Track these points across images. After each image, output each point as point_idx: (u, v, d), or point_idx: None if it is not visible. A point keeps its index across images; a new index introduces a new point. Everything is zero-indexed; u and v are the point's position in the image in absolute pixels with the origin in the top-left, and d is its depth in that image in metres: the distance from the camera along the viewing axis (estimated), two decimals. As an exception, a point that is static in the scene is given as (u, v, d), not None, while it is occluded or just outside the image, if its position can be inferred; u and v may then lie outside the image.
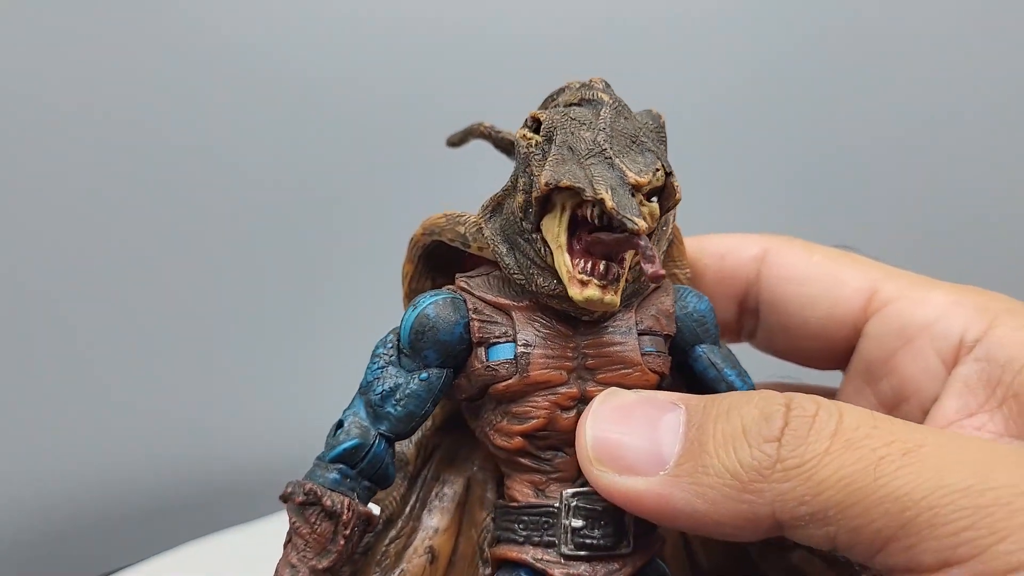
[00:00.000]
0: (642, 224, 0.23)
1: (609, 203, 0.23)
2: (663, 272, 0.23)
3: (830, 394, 0.36)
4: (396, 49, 0.65)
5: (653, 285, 0.29)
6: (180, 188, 0.65)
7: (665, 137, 0.27)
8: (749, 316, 0.35)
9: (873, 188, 0.70)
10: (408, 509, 0.30)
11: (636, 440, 0.25)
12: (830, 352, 0.33)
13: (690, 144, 0.29)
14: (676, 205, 0.26)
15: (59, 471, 0.65)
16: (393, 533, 0.29)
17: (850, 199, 0.70)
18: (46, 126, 0.61)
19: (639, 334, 0.28)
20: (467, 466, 0.31)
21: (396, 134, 0.63)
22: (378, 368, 0.27)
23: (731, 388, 0.29)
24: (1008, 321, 0.29)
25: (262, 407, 0.66)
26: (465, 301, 0.28)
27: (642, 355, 0.27)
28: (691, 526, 0.24)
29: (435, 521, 0.30)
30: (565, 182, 0.24)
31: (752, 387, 0.30)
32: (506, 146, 0.34)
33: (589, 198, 0.23)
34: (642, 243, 0.23)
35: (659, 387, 0.28)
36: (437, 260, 0.32)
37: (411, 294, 0.33)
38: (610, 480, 0.25)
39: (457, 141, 0.36)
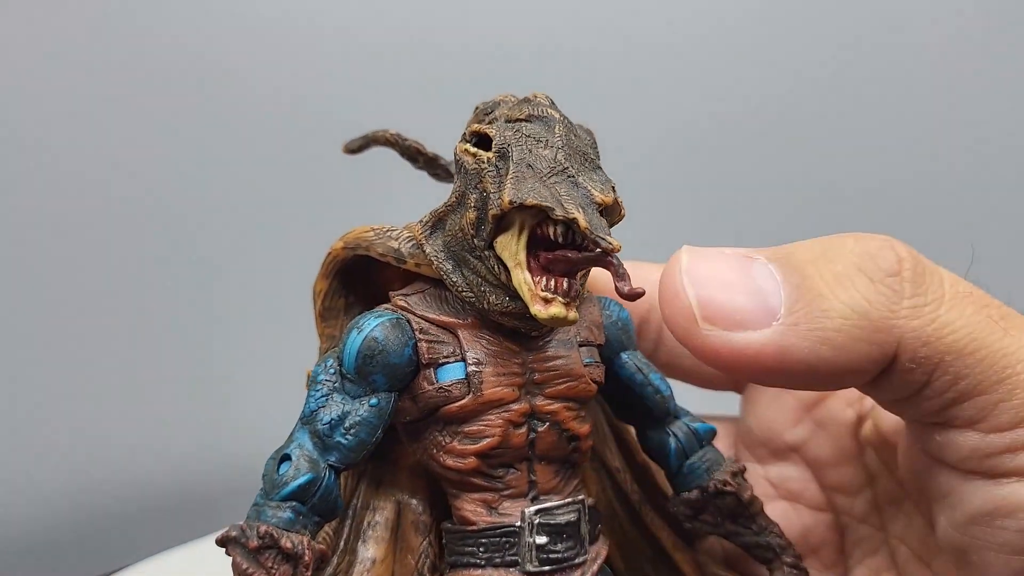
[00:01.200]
0: (617, 243, 0.23)
1: (583, 223, 0.23)
2: (642, 290, 0.23)
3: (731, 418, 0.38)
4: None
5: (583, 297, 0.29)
6: (175, 189, 0.65)
7: (598, 152, 0.27)
8: (647, 341, 0.36)
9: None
10: (343, 543, 0.28)
11: (741, 293, 0.23)
12: None
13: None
14: (620, 221, 0.26)
15: (59, 471, 0.66)
16: (330, 571, 0.28)
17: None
18: (33, 134, 0.62)
19: (579, 345, 0.28)
20: (394, 491, 0.30)
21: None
22: (321, 396, 0.26)
23: (657, 391, 0.30)
24: None
25: (262, 407, 0.63)
26: (409, 321, 0.27)
27: (584, 366, 0.28)
28: (805, 378, 0.23)
29: (371, 552, 0.29)
30: (531, 201, 0.24)
31: (670, 389, 0.31)
32: (412, 154, 0.34)
33: (560, 217, 0.23)
34: (615, 262, 0.24)
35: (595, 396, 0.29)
36: (349, 277, 0.31)
37: (324, 313, 0.31)
38: (721, 338, 0.23)
39: (356, 148, 0.34)
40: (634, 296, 0.23)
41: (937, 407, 0.23)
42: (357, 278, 0.31)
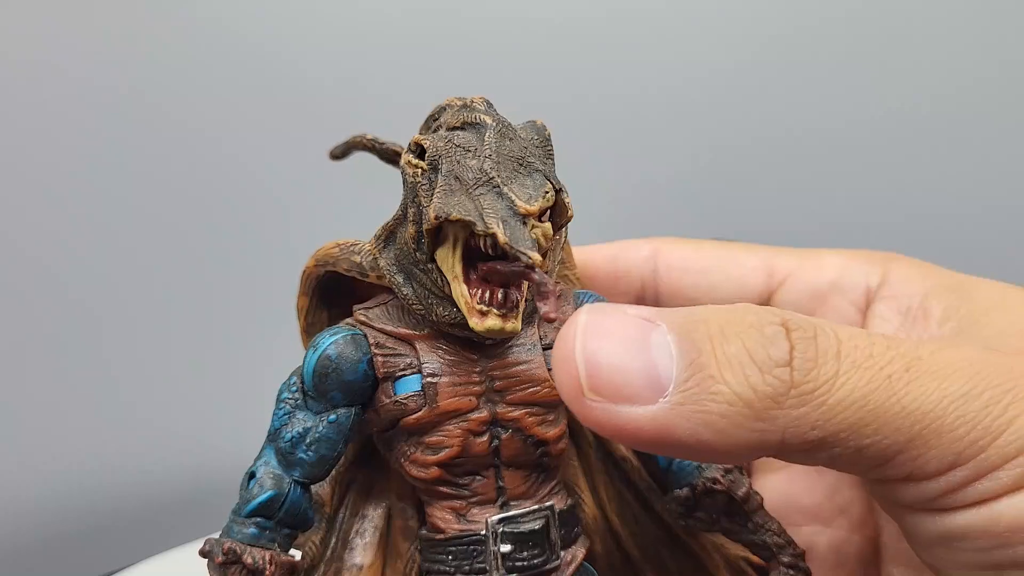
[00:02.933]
0: (536, 257, 0.22)
1: (502, 238, 0.23)
2: (556, 316, 0.23)
3: None
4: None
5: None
6: (173, 187, 0.66)
7: (552, 150, 0.26)
8: None
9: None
10: (329, 552, 0.29)
11: (631, 363, 0.22)
12: None
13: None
14: (568, 221, 0.26)
15: (59, 472, 0.67)
16: (316, 578, 0.29)
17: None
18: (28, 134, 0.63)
19: (544, 348, 0.28)
20: (384, 497, 0.31)
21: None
22: (284, 414, 0.27)
23: None
24: (898, 266, 0.33)
25: (262, 409, 0.66)
26: (366, 336, 0.27)
27: (548, 370, 0.27)
28: (689, 455, 0.23)
29: (359, 559, 0.30)
30: (455, 215, 0.23)
31: None
32: (391, 157, 0.34)
33: (480, 232, 0.23)
34: (536, 277, 0.23)
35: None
36: (331, 290, 0.32)
37: (308, 328, 0.32)
38: (605, 410, 0.22)
39: (340, 154, 0.35)
40: (547, 320, 0.23)
41: (862, 469, 0.23)
42: (341, 289, 0.32)
